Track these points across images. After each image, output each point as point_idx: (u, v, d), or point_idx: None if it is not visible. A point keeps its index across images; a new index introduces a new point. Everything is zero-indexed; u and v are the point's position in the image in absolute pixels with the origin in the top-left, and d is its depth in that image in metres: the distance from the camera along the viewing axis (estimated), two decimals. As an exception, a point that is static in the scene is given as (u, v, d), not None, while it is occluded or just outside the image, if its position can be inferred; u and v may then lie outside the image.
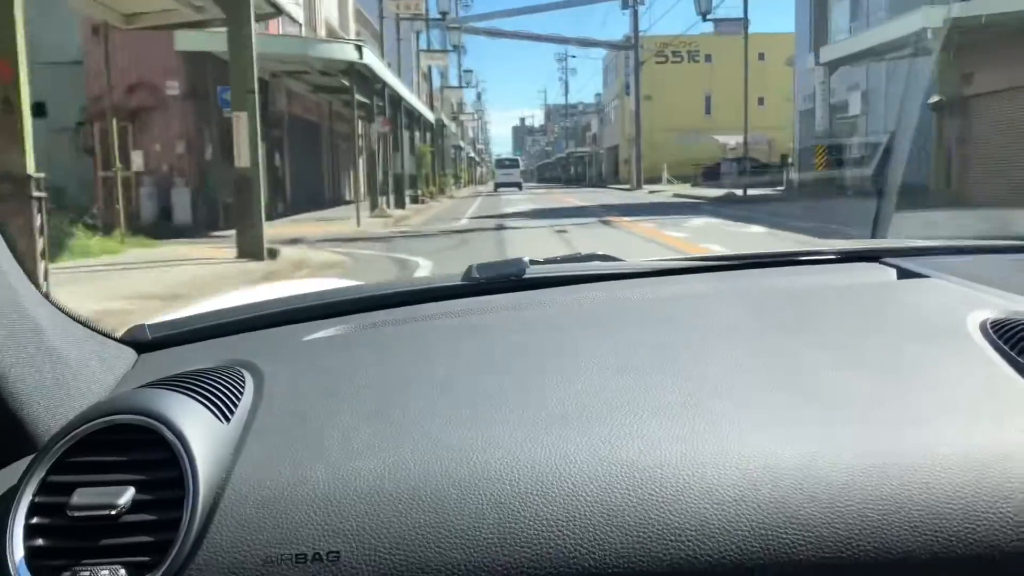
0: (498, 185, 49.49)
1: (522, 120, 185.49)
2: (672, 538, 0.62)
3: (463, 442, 0.70)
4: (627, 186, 44.75)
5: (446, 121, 38.33)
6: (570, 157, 75.87)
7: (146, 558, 0.65)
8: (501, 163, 55.47)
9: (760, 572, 0.61)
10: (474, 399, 0.78)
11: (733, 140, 33.48)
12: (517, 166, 52.67)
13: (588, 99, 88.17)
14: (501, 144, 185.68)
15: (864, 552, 0.61)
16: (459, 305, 1.08)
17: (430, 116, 34.62)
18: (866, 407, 0.73)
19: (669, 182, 42.76)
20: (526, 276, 1.12)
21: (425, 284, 1.20)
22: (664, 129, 46.79)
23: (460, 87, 62.16)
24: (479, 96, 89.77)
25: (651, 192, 32.46)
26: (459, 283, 1.13)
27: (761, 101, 47.89)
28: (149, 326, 1.07)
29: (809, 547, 0.62)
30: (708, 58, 49.24)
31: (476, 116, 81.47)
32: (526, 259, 1.15)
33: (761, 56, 48.68)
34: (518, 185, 47.79)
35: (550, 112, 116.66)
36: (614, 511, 0.64)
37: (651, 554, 0.62)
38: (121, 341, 1.02)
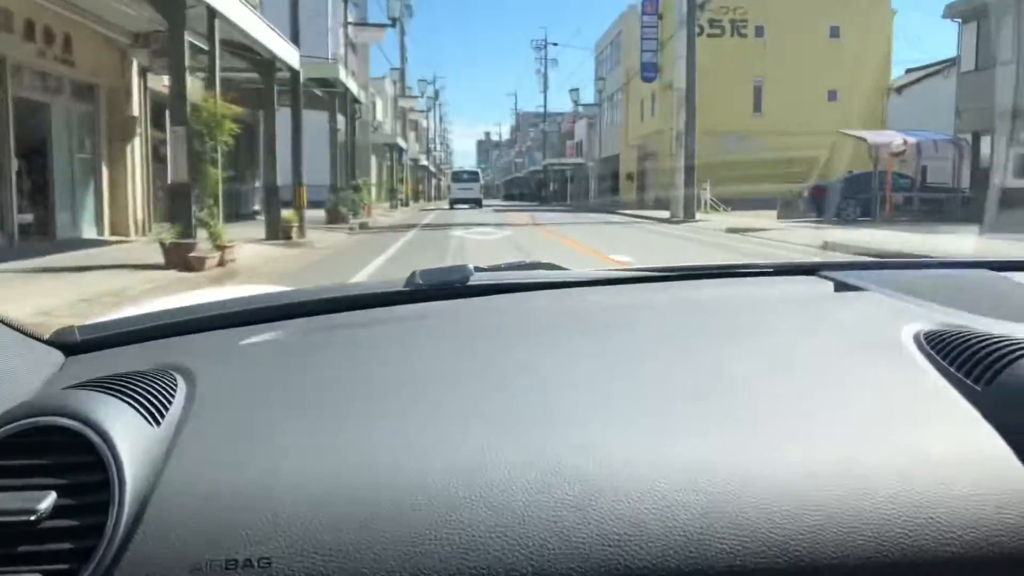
0: (454, 202, 44.38)
1: (487, 134, 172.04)
2: (611, 543, 0.63)
3: (399, 448, 0.70)
4: (644, 211, 30.14)
5: (361, 97, 23.17)
6: (548, 171, 61.62)
7: (66, 565, 0.62)
8: (458, 177, 49.46)
9: (703, 573, 0.62)
10: (410, 404, 0.78)
11: (899, 139, 19.13)
12: (476, 180, 47.86)
13: (565, 106, 73.87)
14: (465, 159, 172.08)
15: (799, 556, 0.62)
16: (401, 311, 1.09)
17: (345, 80, 19.42)
18: (799, 415, 0.74)
19: (714, 207, 28.21)
20: (470, 283, 1.12)
21: (367, 290, 1.19)
22: (699, 131, 31.92)
23: (414, 95, 48.18)
24: (436, 95, 75.46)
25: (722, 230, 17.73)
26: (401, 289, 1.13)
27: (833, 95, 34.05)
28: (78, 328, 1.05)
29: (745, 552, 0.62)
30: (759, 31, 34.98)
31: (429, 114, 66.65)
32: (471, 266, 1.16)
33: (834, 32, 34.87)
34: (477, 202, 43.72)
35: (521, 120, 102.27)
36: (553, 518, 0.64)
37: (588, 559, 0.62)
38: (48, 343, 0.99)
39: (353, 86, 21.91)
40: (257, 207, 20.52)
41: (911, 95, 32.59)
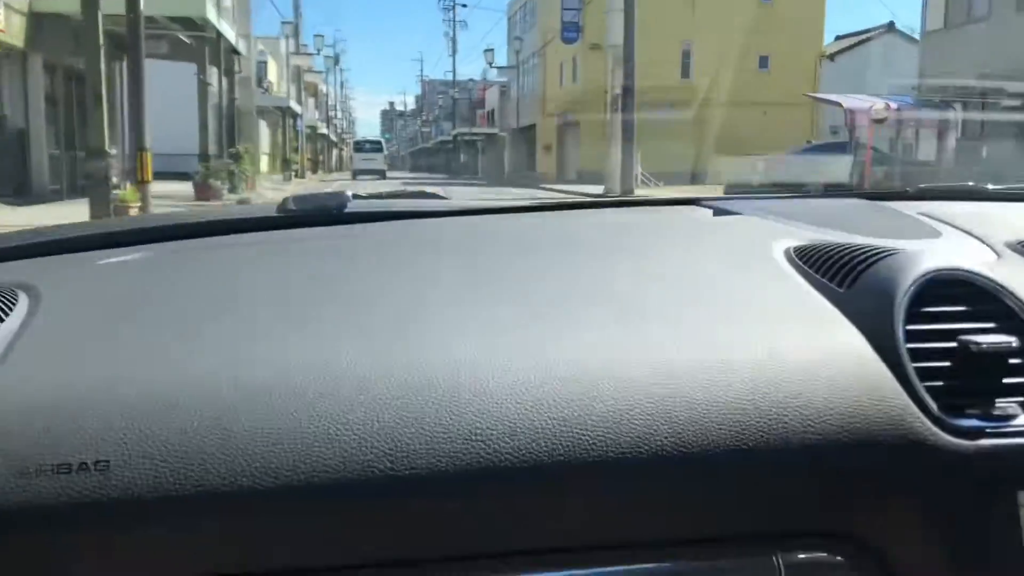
0: (356, 172, 42.83)
1: (391, 104, 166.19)
2: (474, 438, 0.64)
3: (253, 351, 0.70)
4: (568, 186, 27.40)
5: (241, 47, 19.39)
6: (457, 141, 58.13)
7: None
8: (360, 146, 48.40)
9: (559, 467, 0.64)
10: (271, 318, 0.77)
11: (880, 103, 16.62)
12: (380, 150, 46.64)
13: (475, 73, 70.51)
14: (369, 129, 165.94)
15: (661, 447, 0.65)
16: (271, 236, 1.07)
17: (215, 23, 15.77)
18: (670, 319, 0.77)
19: (645, 182, 25.62)
20: (347, 210, 1.11)
21: (236, 215, 1.16)
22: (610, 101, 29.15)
23: (310, 53, 43.97)
24: (336, 59, 70.78)
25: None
26: (272, 215, 1.11)
27: (764, 62, 31.97)
28: None
29: (608, 442, 0.65)
30: (689, -9, 32.59)
31: (328, 78, 62.36)
32: (349, 193, 1.13)
33: (766, -7, 32.76)
34: (381, 173, 41.82)
35: (427, 88, 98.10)
36: (414, 414, 0.64)
37: (451, 454, 0.63)
38: None
39: (228, 32, 18.17)
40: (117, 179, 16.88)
41: (846, 62, 30.86)
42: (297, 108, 37.01)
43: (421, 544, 0.64)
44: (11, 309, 0.76)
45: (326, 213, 1.10)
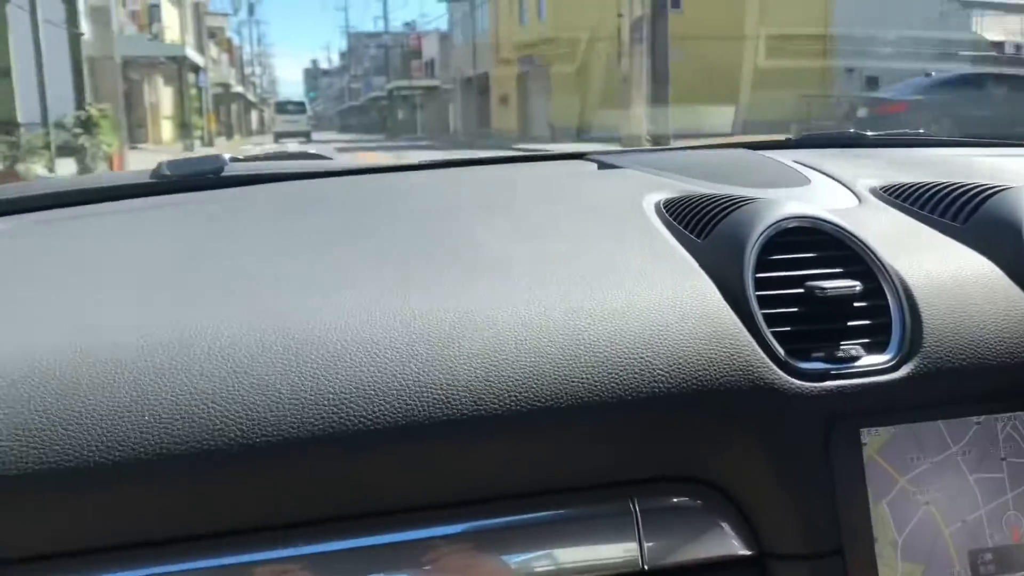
0: (279, 135, 40.47)
1: (314, 62, 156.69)
2: (325, 402, 0.63)
3: (104, 322, 0.69)
4: (549, 146, 21.92)
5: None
6: (393, 97, 51.64)
7: None
8: (282, 108, 46.49)
9: (412, 426, 0.64)
10: (128, 281, 0.77)
11: None
12: (303, 111, 45.06)
13: (408, 19, 63.78)
14: (292, 89, 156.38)
15: (516, 401, 0.66)
16: (144, 202, 1.04)
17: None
18: (533, 271, 0.78)
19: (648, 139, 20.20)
20: (225, 173, 1.09)
21: (107, 181, 1.15)
22: (592, 40, 23.42)
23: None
24: (251, 9, 63.30)
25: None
26: (147, 180, 1.09)
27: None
28: None
29: (463, 399, 0.66)
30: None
31: (243, 30, 55.35)
32: (226, 156, 1.12)
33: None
34: (306, 135, 39.83)
35: (354, 42, 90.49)
36: (265, 380, 0.64)
37: (302, 419, 0.63)
38: None
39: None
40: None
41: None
42: (198, 59, 30.12)
43: (287, 510, 0.63)
44: None
45: (202, 177, 1.08)
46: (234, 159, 1.13)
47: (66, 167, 12.18)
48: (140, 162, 19.15)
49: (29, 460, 0.59)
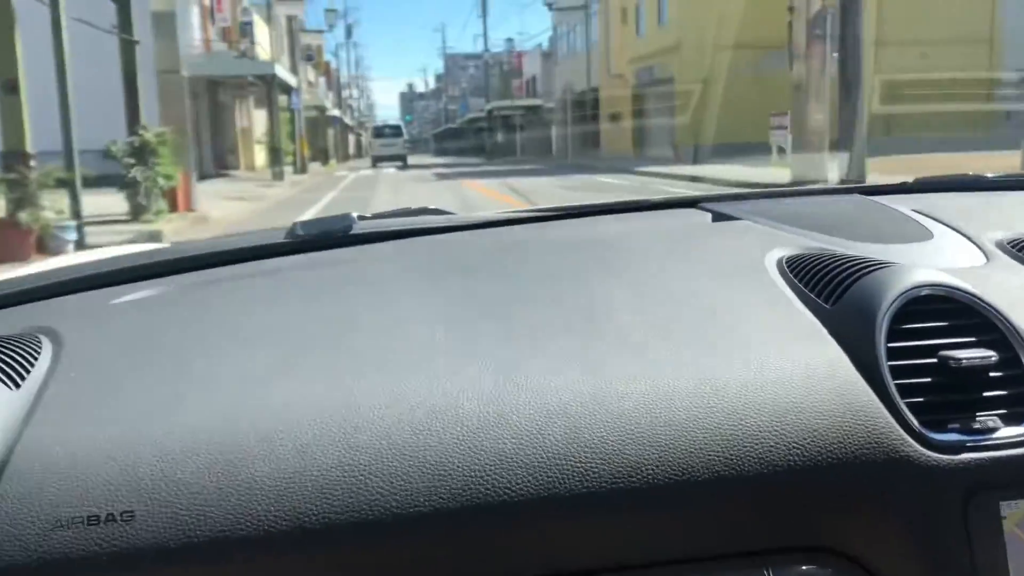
0: (376, 160, 39.86)
1: (410, 85, 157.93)
2: (471, 473, 0.65)
3: (268, 397, 0.71)
4: (685, 169, 18.92)
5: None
6: (493, 117, 49.41)
7: None
8: (379, 132, 44.34)
9: (553, 499, 0.65)
10: (282, 354, 0.78)
11: None
12: (400, 135, 43.08)
13: (502, 43, 61.73)
14: (387, 113, 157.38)
15: (653, 474, 0.66)
16: (280, 263, 1.07)
17: None
18: (660, 340, 0.78)
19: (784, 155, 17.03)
20: (353, 232, 1.12)
21: (244, 243, 1.17)
22: (726, 46, 20.33)
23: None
24: (349, 31, 62.64)
25: None
26: (281, 241, 1.12)
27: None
28: None
29: (602, 473, 0.66)
30: None
31: (340, 53, 54.58)
32: (354, 215, 1.16)
33: None
34: (402, 159, 39.35)
35: (450, 63, 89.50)
36: (415, 452, 0.66)
37: (451, 490, 0.65)
38: None
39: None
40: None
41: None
42: (290, 79, 28.19)
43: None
44: (35, 358, 0.77)
45: (332, 236, 1.12)
46: (361, 217, 1.16)
47: (107, 204, 9.76)
48: (217, 193, 16.96)
49: (205, 530, 0.62)
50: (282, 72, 25.78)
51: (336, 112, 53.32)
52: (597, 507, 0.66)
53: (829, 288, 0.83)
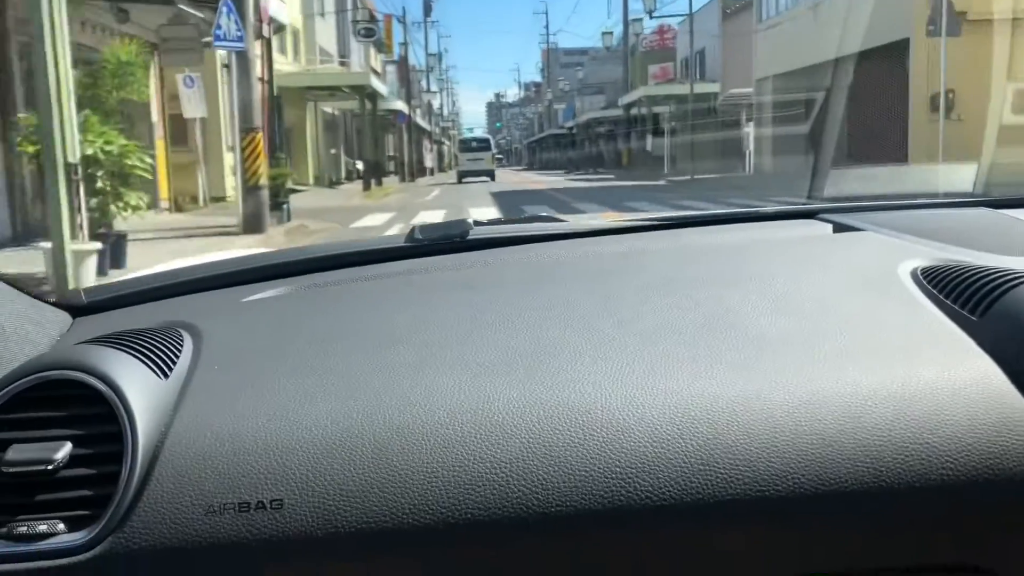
0: (463, 175, 34.67)
1: (497, 96, 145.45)
2: (612, 476, 0.64)
3: (405, 392, 0.71)
4: None
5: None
6: (630, 112, 34.76)
7: (85, 512, 0.65)
8: (466, 145, 39.36)
9: (698, 504, 0.64)
10: (416, 352, 0.78)
11: None
12: (488, 148, 37.59)
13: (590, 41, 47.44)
14: (473, 123, 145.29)
15: (799, 484, 0.65)
16: (402, 266, 1.09)
17: None
18: (800, 348, 0.75)
19: None
20: (470, 237, 1.13)
21: (367, 246, 1.20)
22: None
23: None
24: (428, 8, 50.05)
25: None
26: (402, 244, 1.14)
27: None
28: (84, 290, 1.07)
29: (746, 480, 0.64)
30: None
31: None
32: (470, 220, 1.16)
33: None
34: (490, 174, 34.25)
35: (549, 60, 75.59)
36: (556, 452, 0.66)
37: (592, 492, 0.64)
38: (55, 305, 1.01)
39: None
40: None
41: None
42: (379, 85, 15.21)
43: None
44: (179, 350, 0.79)
45: (450, 241, 1.12)
46: (477, 223, 1.16)
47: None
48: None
49: (351, 521, 0.63)
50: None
51: (420, 120, 40.47)
52: (740, 515, 0.64)
53: (975, 299, 0.78)
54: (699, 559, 0.65)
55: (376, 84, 23.43)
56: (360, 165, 25.56)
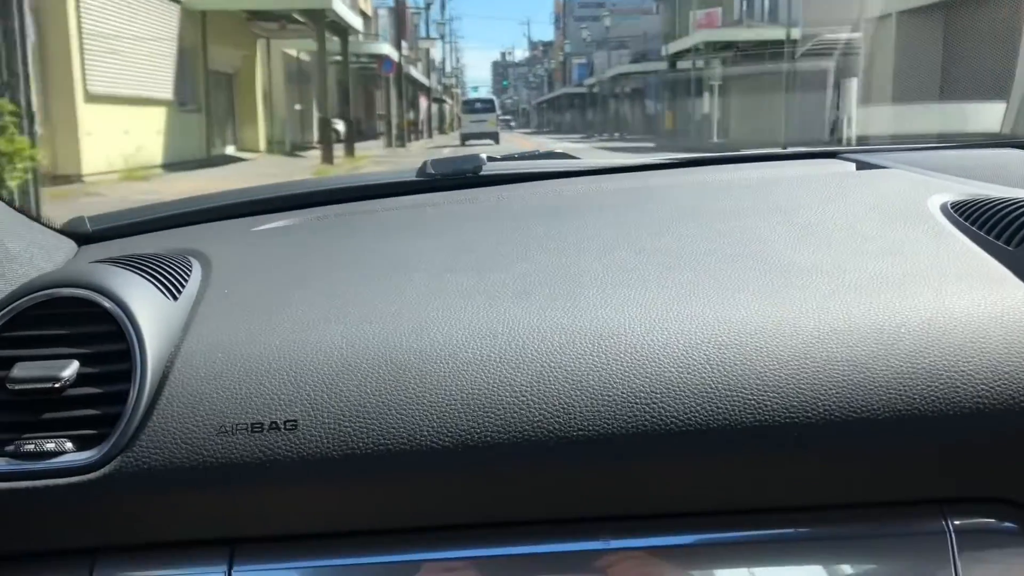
0: (466, 137, 33.35)
1: (503, 55, 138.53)
2: (636, 400, 0.64)
3: (422, 316, 0.71)
4: None
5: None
6: (676, 66, 29.11)
7: (94, 431, 0.64)
8: (470, 106, 37.50)
9: (725, 430, 0.63)
10: (432, 279, 0.77)
11: None
12: (492, 110, 36.48)
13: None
14: (478, 78, 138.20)
15: (828, 410, 0.63)
16: (413, 199, 1.08)
17: None
18: (830, 276, 0.74)
19: None
20: (483, 172, 1.11)
21: (379, 179, 1.18)
22: None
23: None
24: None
25: None
26: (414, 178, 1.12)
27: None
28: (89, 218, 1.05)
29: (774, 406, 0.63)
30: None
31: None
32: (483, 156, 1.14)
33: None
34: (493, 136, 33.31)
35: (565, 10, 69.16)
36: (576, 376, 0.65)
37: (616, 416, 0.63)
38: (60, 231, 1.00)
39: None
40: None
41: None
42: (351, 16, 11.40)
43: (594, 504, 0.64)
44: (188, 274, 0.79)
45: (463, 176, 1.10)
46: (491, 158, 1.13)
47: None
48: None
49: (367, 442, 0.62)
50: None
51: (416, 74, 34.72)
52: (768, 442, 0.62)
53: (1011, 229, 0.77)
54: (725, 484, 0.64)
55: (340, 9, 17.24)
56: (341, 126, 20.03)
